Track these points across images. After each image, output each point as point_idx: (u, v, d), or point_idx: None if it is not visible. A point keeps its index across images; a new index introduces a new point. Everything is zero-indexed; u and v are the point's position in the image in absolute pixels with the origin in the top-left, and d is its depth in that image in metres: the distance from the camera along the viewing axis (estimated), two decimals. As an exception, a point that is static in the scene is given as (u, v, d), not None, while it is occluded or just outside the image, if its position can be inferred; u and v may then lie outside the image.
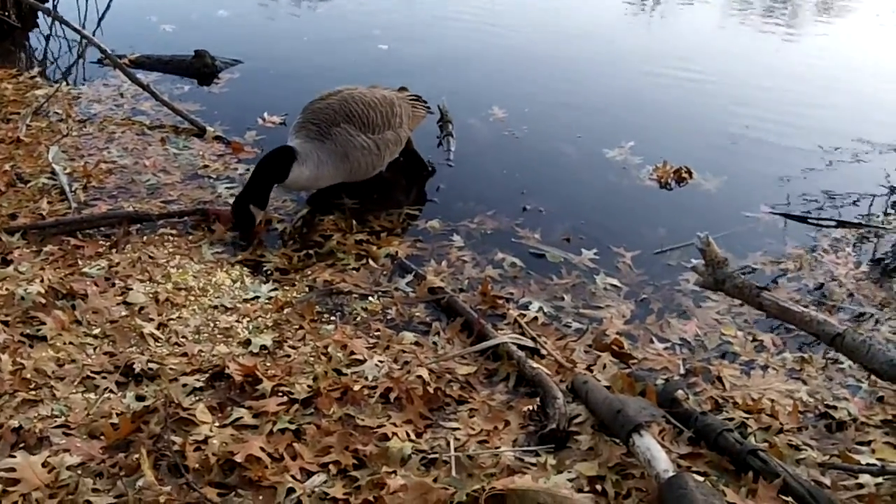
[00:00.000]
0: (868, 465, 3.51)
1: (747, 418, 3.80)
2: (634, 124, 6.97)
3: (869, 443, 3.74)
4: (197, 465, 3.36)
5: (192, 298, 4.54)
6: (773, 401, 3.95)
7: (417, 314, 4.54)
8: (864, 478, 3.46)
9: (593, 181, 6.13)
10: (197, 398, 3.77)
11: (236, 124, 6.58)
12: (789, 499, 3.22)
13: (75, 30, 7.62)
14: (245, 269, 4.83)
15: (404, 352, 4.18)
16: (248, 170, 5.72)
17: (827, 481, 3.45)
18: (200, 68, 7.57)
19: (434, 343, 4.29)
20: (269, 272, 4.81)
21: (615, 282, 4.89)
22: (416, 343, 4.27)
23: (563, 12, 10.54)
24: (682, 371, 4.17)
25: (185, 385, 3.82)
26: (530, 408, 3.78)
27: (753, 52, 9.47)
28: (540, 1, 11.08)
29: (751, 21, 11.06)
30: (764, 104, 7.63)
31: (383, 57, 8.39)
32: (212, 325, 4.35)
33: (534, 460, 3.47)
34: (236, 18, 9.25)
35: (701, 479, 3.24)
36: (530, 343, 4.28)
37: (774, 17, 11.30)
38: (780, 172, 6.37)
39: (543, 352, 4.23)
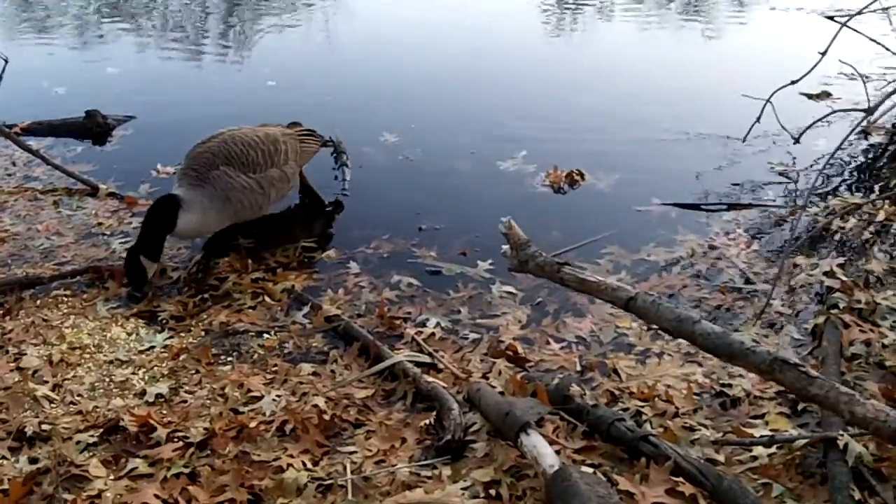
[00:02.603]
0: (760, 436, 3.55)
1: (643, 406, 3.84)
2: (526, 135, 7.06)
3: (763, 415, 3.80)
4: (90, 521, 3.31)
5: (87, 356, 4.48)
6: (668, 386, 3.99)
7: (315, 344, 4.53)
8: (758, 450, 3.52)
9: (488, 194, 6.17)
10: (91, 454, 3.72)
11: (131, 179, 6.52)
12: (681, 479, 3.25)
13: (-39, 105, 7.50)
14: (140, 320, 4.79)
15: (302, 383, 4.17)
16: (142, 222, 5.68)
17: (721, 458, 3.49)
18: (93, 128, 7.49)
19: (332, 371, 4.28)
20: (164, 321, 4.77)
21: (511, 289, 4.93)
22: (314, 373, 4.26)
23: (465, 33, 10.60)
24: (578, 368, 4.20)
25: (78, 442, 3.77)
26: (427, 422, 3.79)
27: (647, 57, 9.61)
28: (443, 24, 11.14)
29: (647, 31, 11.23)
30: (652, 105, 7.76)
31: (273, 94, 8.40)
32: (107, 380, 4.30)
33: (430, 473, 3.47)
34: (126, 74, 9.16)
35: (589, 470, 3.26)
36: (427, 359, 4.28)
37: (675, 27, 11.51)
38: (672, 167, 6.55)
39: (440, 366, 4.24)
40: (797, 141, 6.13)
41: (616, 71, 8.80)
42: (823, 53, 5.54)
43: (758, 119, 5.99)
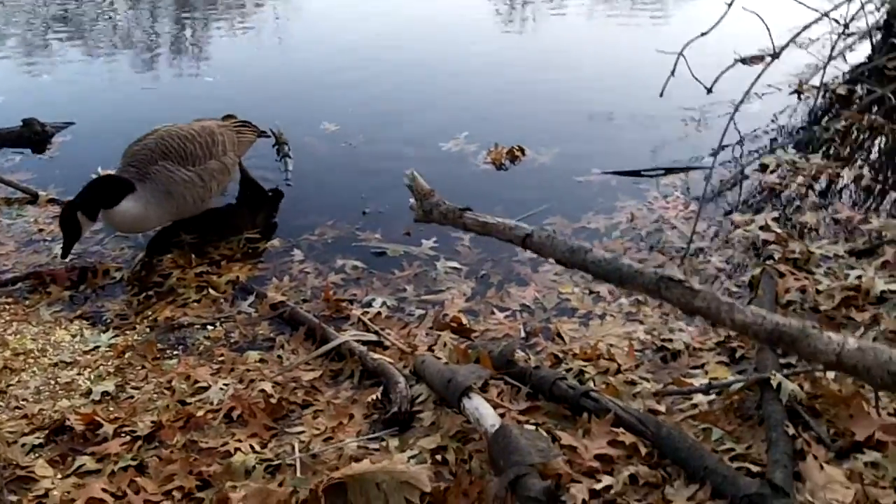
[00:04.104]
0: (699, 385, 3.61)
1: (586, 366, 3.88)
2: (466, 117, 7.08)
3: (703, 366, 3.87)
4: (37, 520, 3.30)
5: (32, 361, 4.44)
6: (611, 345, 4.05)
7: (261, 332, 4.54)
8: (698, 398, 3.57)
9: (431, 174, 6.01)
10: (37, 455, 3.69)
11: (71, 184, 6.39)
12: (622, 430, 3.29)
13: None
14: (84, 322, 4.76)
15: (249, 370, 4.17)
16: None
17: (662, 408, 3.55)
18: (31, 136, 7.39)
19: (279, 357, 4.29)
20: (108, 321, 4.74)
21: (455, 264, 4.97)
22: (261, 360, 4.26)
23: (406, 25, 10.56)
24: (522, 334, 4.25)
25: (23, 445, 3.74)
26: (374, 397, 3.80)
27: (588, 42, 9.63)
28: (386, 19, 11.07)
29: (593, 19, 11.25)
30: (591, 85, 7.80)
31: (210, 90, 8.37)
32: (52, 382, 4.27)
33: (378, 446, 3.50)
34: (62, 81, 9.06)
35: (532, 427, 3.30)
36: (374, 337, 4.30)
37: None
38: (611, 139, 6.64)
39: (387, 343, 4.26)
40: (709, 91, 6.20)
41: (557, 55, 8.80)
42: (730, 5, 5.66)
43: (672, 73, 6.04)
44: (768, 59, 5.41)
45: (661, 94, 5.66)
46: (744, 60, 7.48)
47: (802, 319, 2.98)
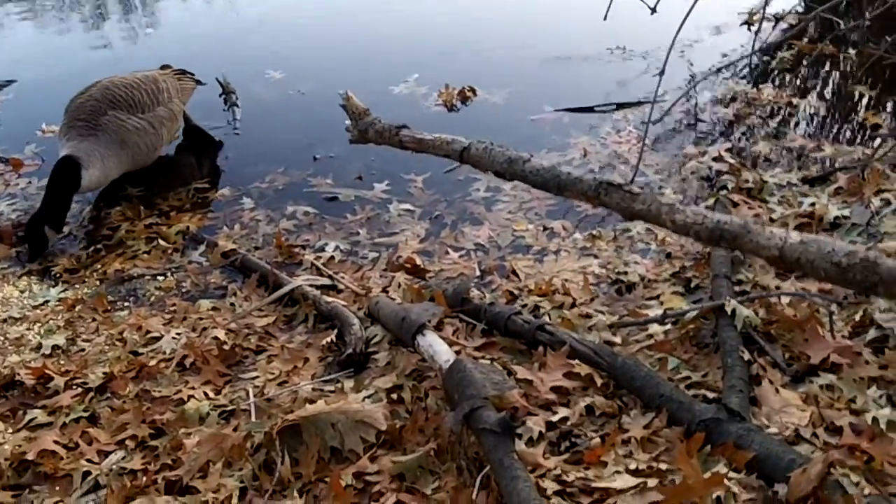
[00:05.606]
0: (654, 315, 3.60)
1: (541, 301, 3.86)
2: (416, 60, 6.98)
3: (658, 296, 3.86)
4: (-12, 475, 3.24)
5: (-21, 318, 4.36)
6: (566, 280, 4.03)
7: (213, 281, 4.47)
8: (653, 328, 3.56)
9: (382, 117, 6.07)
10: (-15, 412, 3.62)
11: (15, 142, 6.29)
12: (577, 362, 3.27)
13: None
14: (32, 277, 4.66)
15: (201, 319, 4.11)
16: (30, 182, 5.59)
17: (618, 339, 3.54)
18: (-29, 95, 7.22)
19: (232, 304, 4.23)
20: (57, 275, 4.65)
21: (409, 206, 4.93)
22: (214, 308, 4.21)
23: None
24: (477, 273, 4.22)
25: (-29, 403, 3.67)
26: (328, 340, 3.76)
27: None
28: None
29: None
30: (540, 26, 7.70)
31: (152, 44, 8.21)
32: (1, 338, 4.18)
33: (333, 388, 3.46)
34: (2, 40, 8.85)
35: (487, 362, 3.28)
36: (327, 281, 4.26)
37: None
38: (563, 78, 6.55)
39: (340, 286, 4.21)
40: (653, 11, 6.14)
41: (511, 4, 8.72)
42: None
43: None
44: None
45: (605, 18, 5.58)
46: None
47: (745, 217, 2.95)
